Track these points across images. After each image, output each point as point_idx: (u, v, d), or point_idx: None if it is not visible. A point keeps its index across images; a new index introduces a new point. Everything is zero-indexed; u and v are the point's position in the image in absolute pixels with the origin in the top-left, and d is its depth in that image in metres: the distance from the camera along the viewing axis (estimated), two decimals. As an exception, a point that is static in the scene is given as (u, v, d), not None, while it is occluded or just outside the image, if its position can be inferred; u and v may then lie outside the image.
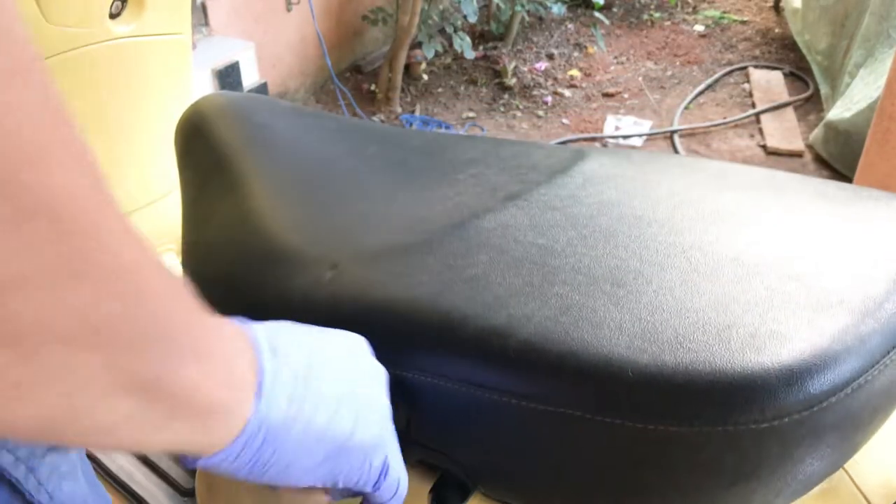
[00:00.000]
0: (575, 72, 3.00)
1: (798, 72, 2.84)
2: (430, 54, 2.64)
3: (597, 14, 3.09)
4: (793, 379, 0.36)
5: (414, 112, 2.75)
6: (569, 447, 0.41)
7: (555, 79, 2.96)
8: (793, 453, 0.38)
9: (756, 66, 2.94)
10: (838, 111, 2.23)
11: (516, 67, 2.97)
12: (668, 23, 3.40)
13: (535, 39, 3.23)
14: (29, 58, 0.23)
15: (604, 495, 0.42)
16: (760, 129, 2.53)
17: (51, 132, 0.23)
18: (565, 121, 2.70)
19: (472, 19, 2.61)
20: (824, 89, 2.57)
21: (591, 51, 3.15)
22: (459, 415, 0.44)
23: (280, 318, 0.52)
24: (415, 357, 0.44)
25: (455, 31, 2.66)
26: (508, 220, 0.51)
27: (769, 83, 2.79)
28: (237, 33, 2.39)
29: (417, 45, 2.73)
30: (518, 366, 0.41)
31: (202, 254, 0.62)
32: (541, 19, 3.36)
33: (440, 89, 2.89)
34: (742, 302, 0.41)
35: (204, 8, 2.28)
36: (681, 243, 0.46)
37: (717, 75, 2.89)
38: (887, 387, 0.39)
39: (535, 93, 2.85)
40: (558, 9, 2.73)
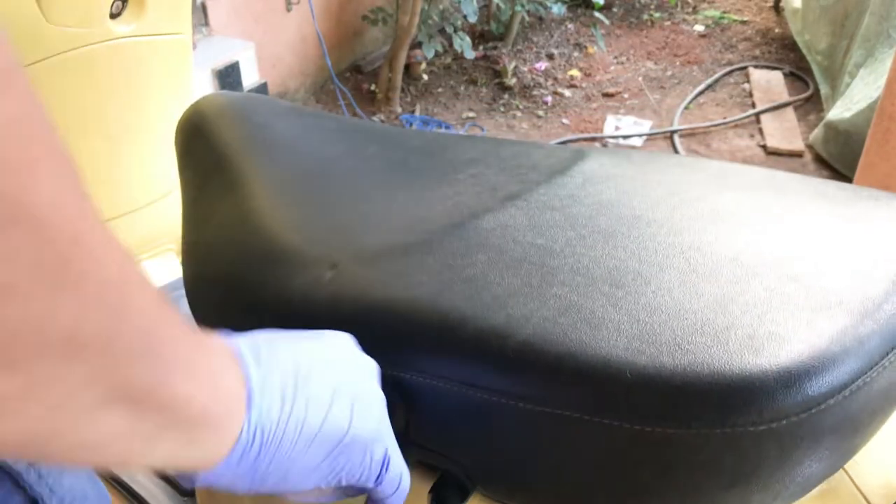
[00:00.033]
0: (575, 72, 3.00)
1: (798, 72, 2.84)
2: (430, 54, 2.64)
3: (597, 14, 3.09)
4: (791, 381, 0.36)
5: (414, 112, 2.75)
6: (567, 448, 0.41)
7: (555, 79, 2.96)
8: (791, 455, 0.38)
9: (756, 66, 2.94)
10: (838, 111, 2.23)
11: (516, 67, 2.97)
12: (668, 23, 3.40)
13: (535, 39, 3.23)
14: (11, 66, 0.22)
15: (602, 496, 0.42)
16: (760, 129, 2.53)
17: (34, 142, 0.23)
18: (565, 121, 2.69)
19: (472, 19, 2.61)
20: (824, 89, 2.57)
21: (591, 51, 3.15)
22: (458, 416, 0.44)
23: (280, 318, 0.52)
24: (414, 357, 0.44)
25: (455, 31, 2.66)
26: (508, 220, 0.51)
27: (769, 83, 2.79)
28: (237, 33, 2.39)
29: (417, 45, 2.73)
30: (517, 367, 0.41)
31: (202, 254, 0.62)
32: (541, 19, 3.36)
33: (440, 89, 2.89)
34: (741, 303, 0.41)
35: (204, 8, 2.28)
36: (680, 244, 0.46)
37: (717, 75, 2.89)
38: (886, 389, 0.39)
39: (535, 93, 2.85)
40: (558, 9, 2.73)
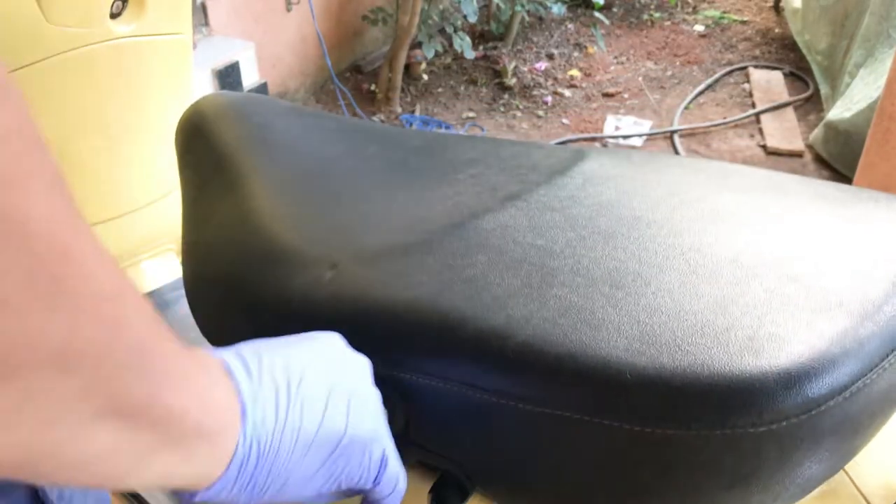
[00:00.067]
0: (575, 72, 3.00)
1: (798, 72, 2.84)
2: (430, 54, 2.64)
3: (597, 14, 3.09)
4: (791, 382, 0.36)
5: (414, 112, 2.75)
6: (567, 449, 0.41)
7: (555, 79, 2.96)
8: (791, 457, 0.38)
9: (756, 66, 2.94)
10: (838, 111, 2.23)
11: (516, 67, 2.97)
12: (668, 23, 3.40)
13: (535, 39, 3.23)
14: (2, 80, 0.22)
15: (602, 497, 0.42)
16: (760, 129, 2.53)
17: (25, 156, 0.23)
18: (565, 121, 2.69)
19: (472, 19, 2.61)
20: (824, 89, 2.57)
21: (591, 51, 3.15)
22: (458, 416, 0.44)
23: (280, 318, 0.52)
24: (414, 358, 0.44)
25: (455, 31, 2.66)
26: (508, 221, 0.51)
27: (769, 83, 2.79)
28: (237, 33, 2.39)
29: (417, 45, 2.72)
30: (517, 368, 0.41)
31: (202, 254, 0.62)
32: (541, 19, 3.36)
33: (440, 89, 2.89)
34: (741, 304, 0.41)
35: (204, 8, 2.28)
36: (680, 245, 0.46)
37: (717, 75, 2.89)
38: (886, 390, 0.39)
39: (535, 93, 2.85)
40: (558, 9, 2.73)
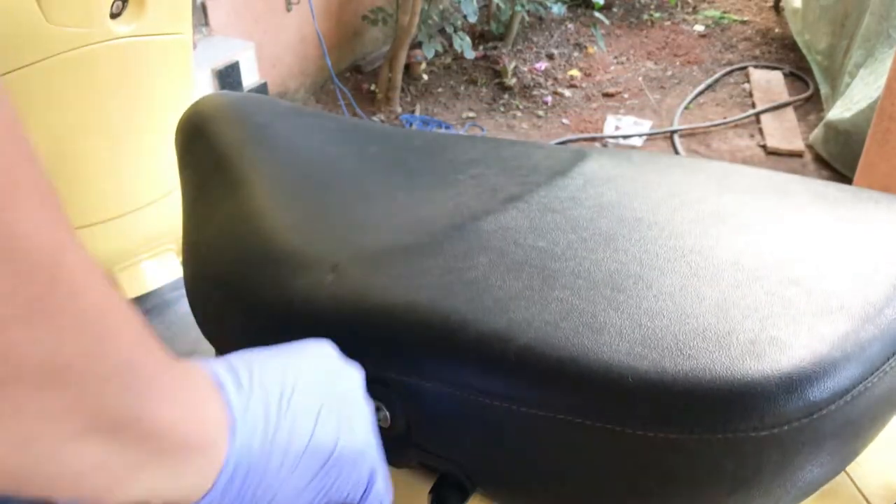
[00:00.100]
0: (575, 72, 3.00)
1: (798, 72, 2.84)
2: (430, 54, 2.64)
3: (597, 14, 3.09)
4: (793, 386, 0.36)
5: (414, 112, 2.75)
6: (568, 453, 0.41)
7: (555, 79, 2.96)
8: (792, 460, 0.38)
9: (756, 66, 2.94)
10: (838, 111, 2.23)
11: (516, 67, 2.96)
12: (668, 23, 3.40)
13: (535, 39, 3.23)
14: None
15: (603, 501, 0.42)
16: (760, 129, 2.53)
17: (14, 168, 0.23)
18: (565, 121, 2.69)
19: (472, 19, 2.61)
20: (824, 89, 2.57)
21: (591, 51, 3.15)
22: (459, 418, 0.44)
23: (281, 318, 0.52)
24: (415, 360, 0.44)
25: (455, 31, 2.66)
26: (509, 223, 0.51)
27: (769, 83, 2.79)
28: (237, 33, 2.39)
29: (417, 45, 2.72)
30: (518, 371, 0.40)
31: (203, 254, 0.61)
32: (541, 19, 3.36)
33: (440, 89, 2.89)
34: (742, 307, 0.40)
35: (204, 8, 2.28)
36: (681, 247, 0.46)
37: (717, 75, 2.89)
38: (887, 393, 0.39)
39: (535, 93, 2.85)
40: (558, 9, 2.73)
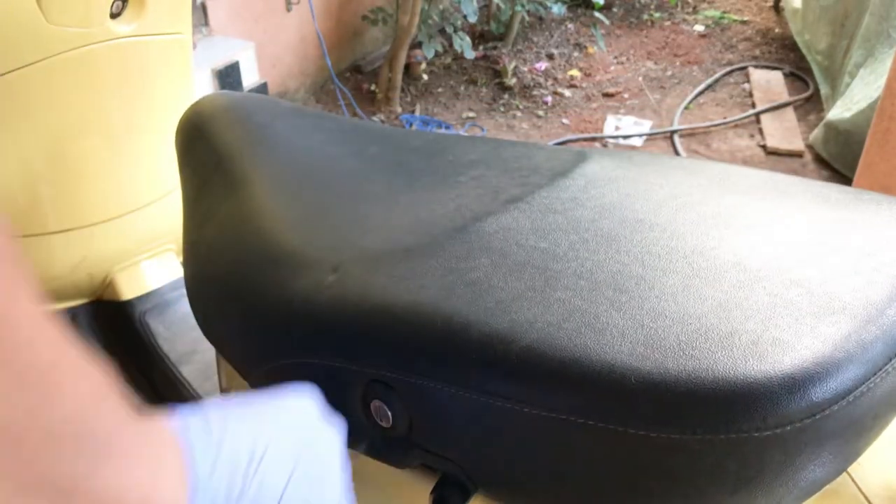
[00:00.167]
0: (575, 72, 3.00)
1: (798, 72, 2.84)
2: (430, 54, 2.64)
3: (597, 14, 3.09)
4: (795, 387, 0.36)
5: (414, 112, 2.75)
6: (570, 453, 0.41)
7: (555, 79, 2.96)
8: (795, 460, 0.38)
9: (756, 66, 2.94)
10: (838, 111, 2.23)
11: (516, 67, 2.96)
12: (668, 23, 3.40)
13: (535, 39, 3.23)
14: None
15: (605, 502, 0.42)
16: (760, 129, 2.53)
17: None
18: (565, 121, 2.69)
19: (472, 19, 2.61)
20: (824, 89, 2.57)
21: (591, 51, 3.15)
22: (461, 419, 0.44)
23: (281, 319, 0.52)
24: (416, 361, 0.44)
25: (455, 31, 2.66)
26: (510, 223, 0.51)
27: (769, 83, 2.79)
28: (237, 33, 2.39)
29: (417, 45, 2.72)
30: (521, 372, 0.40)
31: (202, 254, 0.62)
32: (541, 19, 3.36)
33: (440, 89, 2.89)
34: (744, 308, 0.40)
35: (204, 8, 2.28)
36: (682, 248, 0.46)
37: (717, 75, 2.89)
38: (889, 394, 0.39)
39: (535, 93, 2.85)
40: (558, 9, 2.73)
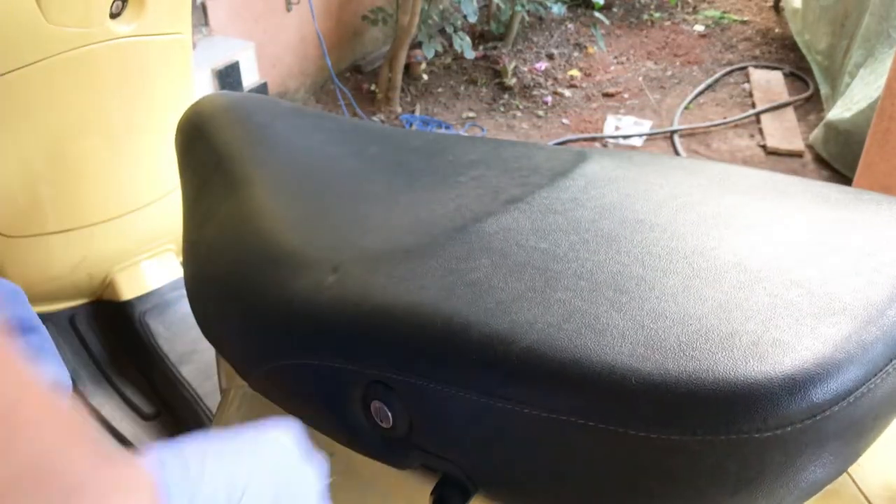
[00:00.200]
0: (575, 72, 3.00)
1: (798, 72, 2.84)
2: (430, 54, 2.64)
3: (597, 14, 3.09)
4: (795, 388, 0.36)
5: (414, 112, 2.75)
6: (571, 454, 0.41)
7: (555, 79, 2.96)
8: (795, 461, 0.38)
9: (756, 66, 2.94)
10: (838, 111, 2.23)
11: (516, 67, 2.96)
12: (668, 23, 3.40)
13: (535, 39, 3.23)
14: None
15: (605, 502, 0.42)
16: (760, 129, 2.53)
17: None
18: (565, 121, 2.69)
19: (472, 19, 2.61)
20: (824, 89, 2.57)
21: (591, 51, 3.15)
22: (461, 420, 0.44)
23: (281, 319, 0.52)
24: (416, 362, 0.44)
25: (455, 31, 2.66)
26: (510, 224, 0.51)
27: (769, 83, 2.79)
28: (237, 33, 2.39)
29: (417, 45, 2.72)
30: (521, 373, 0.40)
31: (202, 254, 0.62)
32: (541, 19, 3.35)
33: (440, 89, 2.89)
34: (745, 309, 0.40)
35: (204, 8, 2.27)
36: (683, 248, 0.46)
37: (717, 75, 2.89)
38: (890, 394, 0.39)
39: (535, 93, 2.85)
40: (558, 9, 2.73)
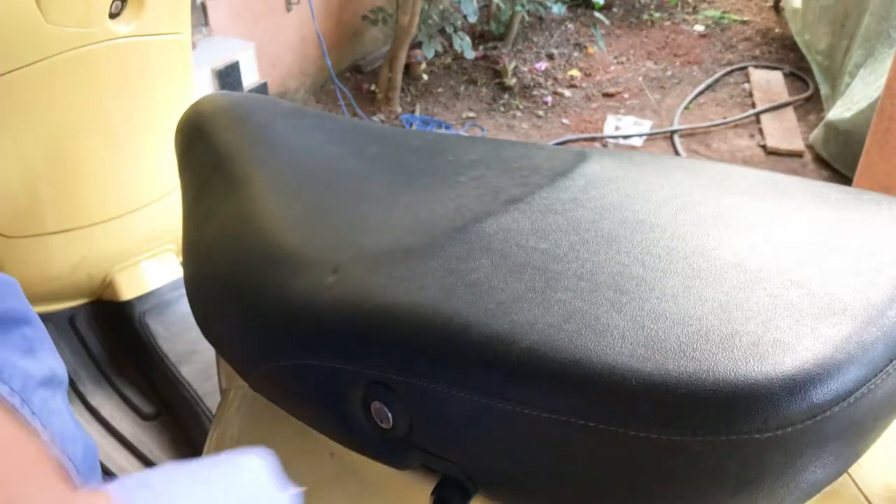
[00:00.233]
0: (575, 72, 3.00)
1: (798, 72, 2.84)
2: (430, 54, 2.64)
3: (597, 14, 3.09)
4: (796, 388, 0.36)
5: (414, 112, 2.75)
6: (571, 454, 0.41)
7: (555, 79, 2.96)
8: (795, 462, 0.38)
9: (756, 66, 2.94)
10: (838, 111, 2.23)
11: (516, 67, 2.96)
12: (668, 23, 3.40)
13: (535, 39, 3.23)
14: None
15: (606, 503, 0.42)
16: (760, 129, 2.53)
17: None
18: (565, 121, 2.69)
19: (472, 19, 2.61)
20: (824, 89, 2.57)
21: (591, 51, 3.15)
22: (461, 420, 0.44)
23: (281, 319, 0.52)
24: (416, 362, 0.44)
25: (455, 31, 2.66)
26: (510, 224, 0.51)
27: (769, 83, 2.79)
28: (237, 33, 2.39)
29: (417, 45, 2.72)
30: (521, 373, 0.40)
31: (202, 254, 0.62)
32: (541, 19, 3.35)
33: (440, 89, 2.89)
34: (745, 309, 0.40)
35: (204, 8, 2.27)
36: (683, 248, 0.46)
37: (717, 75, 2.89)
38: (890, 395, 0.39)
39: (535, 93, 2.85)
40: (558, 9, 2.73)
